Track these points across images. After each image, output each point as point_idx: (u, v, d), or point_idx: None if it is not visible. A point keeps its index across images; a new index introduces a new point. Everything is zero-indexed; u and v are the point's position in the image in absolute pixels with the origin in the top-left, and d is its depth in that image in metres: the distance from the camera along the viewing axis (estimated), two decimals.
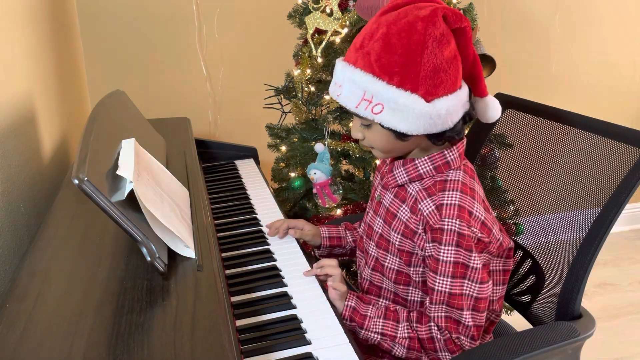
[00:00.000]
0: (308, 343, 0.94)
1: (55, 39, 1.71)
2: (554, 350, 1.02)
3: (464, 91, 1.01)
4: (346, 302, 1.07)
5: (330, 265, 1.11)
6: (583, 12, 2.65)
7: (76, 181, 0.84)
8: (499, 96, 1.16)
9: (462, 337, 1.00)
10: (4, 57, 1.20)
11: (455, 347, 1.01)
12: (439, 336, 1.01)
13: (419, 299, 1.11)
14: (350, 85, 0.99)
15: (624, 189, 1.05)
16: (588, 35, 2.69)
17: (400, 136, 1.01)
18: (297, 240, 1.29)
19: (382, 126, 1.00)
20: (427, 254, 1.03)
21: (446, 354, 1.02)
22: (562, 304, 1.13)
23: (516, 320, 1.38)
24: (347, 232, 1.34)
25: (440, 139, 1.02)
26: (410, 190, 1.07)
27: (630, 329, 2.22)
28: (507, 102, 1.33)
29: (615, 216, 1.05)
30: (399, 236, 1.08)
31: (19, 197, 1.18)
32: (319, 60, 1.72)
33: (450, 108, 0.98)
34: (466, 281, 0.99)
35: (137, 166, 1.02)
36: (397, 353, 1.05)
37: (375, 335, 1.05)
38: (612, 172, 1.08)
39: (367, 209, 1.23)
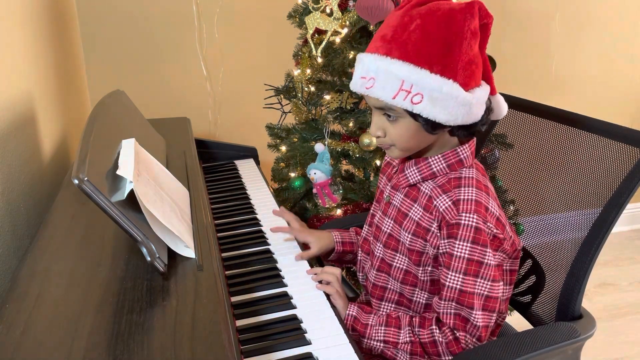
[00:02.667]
0: (308, 343, 0.94)
1: (55, 39, 1.71)
2: (554, 350, 1.02)
3: (486, 86, 1.03)
4: (347, 312, 1.07)
5: (329, 273, 1.11)
6: (583, 12, 2.65)
7: (76, 181, 0.84)
8: None
9: (467, 336, 0.99)
10: (4, 57, 1.20)
11: (458, 348, 0.99)
12: (440, 339, 1.00)
13: (424, 301, 1.11)
14: (386, 76, 0.97)
15: (624, 190, 1.04)
16: (588, 35, 2.69)
17: (432, 128, 1.00)
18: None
19: (415, 118, 0.99)
20: (441, 251, 1.02)
21: (449, 357, 1.00)
22: (562, 304, 1.13)
23: (516, 321, 1.38)
24: (358, 237, 1.32)
25: (468, 130, 1.02)
26: (424, 189, 1.07)
27: (630, 329, 2.22)
28: (507, 102, 1.32)
29: (616, 217, 1.05)
30: (409, 235, 1.07)
31: (19, 197, 1.18)
32: (319, 60, 1.71)
33: (483, 97, 1.00)
34: (479, 279, 0.98)
35: (137, 166, 1.02)
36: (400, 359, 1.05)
37: (378, 344, 1.05)
38: (613, 173, 1.08)
39: (371, 211, 1.23)
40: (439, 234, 1.02)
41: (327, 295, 1.08)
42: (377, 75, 0.98)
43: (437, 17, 0.96)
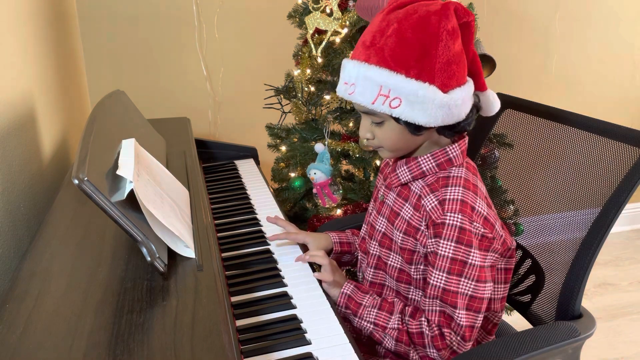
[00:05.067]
0: (308, 343, 0.94)
1: (55, 39, 1.71)
2: (554, 350, 1.02)
3: (471, 84, 1.04)
4: (342, 290, 1.09)
5: (318, 255, 1.14)
6: (583, 12, 2.65)
7: (76, 181, 0.84)
8: (498, 96, 1.16)
9: (452, 334, 0.99)
10: (4, 57, 1.20)
11: (442, 344, 1.00)
12: (427, 332, 1.01)
13: (419, 298, 1.11)
14: (365, 82, 0.99)
15: (624, 189, 1.05)
16: (588, 35, 2.69)
17: (416, 130, 1.01)
18: (297, 242, 1.29)
19: (398, 121, 1.00)
20: (428, 250, 1.03)
21: (433, 350, 1.01)
22: (562, 303, 1.13)
23: (516, 321, 1.38)
24: (355, 237, 1.33)
25: (453, 130, 1.03)
26: (414, 188, 1.08)
27: (630, 329, 2.22)
28: (507, 102, 1.33)
29: (615, 216, 1.05)
30: (401, 234, 1.08)
31: (19, 197, 1.18)
32: (319, 60, 1.72)
33: (464, 98, 1.00)
34: (462, 279, 0.99)
35: (137, 166, 1.02)
36: (386, 345, 1.05)
37: (368, 325, 1.06)
38: (612, 172, 1.08)
39: (368, 210, 1.24)
40: (427, 233, 1.04)
41: (327, 295, 1.08)
42: (357, 81, 1.01)
43: (413, 21, 0.97)
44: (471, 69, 1.05)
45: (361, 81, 1.00)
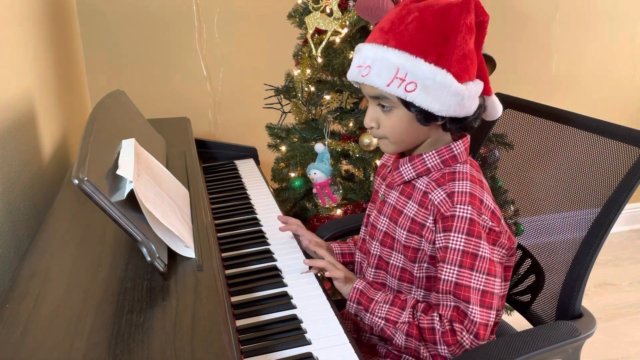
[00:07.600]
0: (308, 343, 0.94)
1: (55, 39, 1.71)
2: (555, 349, 1.02)
3: (480, 82, 1.04)
4: (354, 285, 1.09)
5: (318, 262, 1.14)
6: (583, 12, 2.65)
7: (76, 181, 0.84)
8: (498, 96, 1.17)
9: (464, 331, 0.98)
10: (4, 57, 1.20)
11: (452, 339, 0.98)
12: (438, 327, 1.00)
13: (421, 298, 1.11)
14: (382, 63, 0.99)
15: (623, 189, 1.05)
16: (588, 35, 2.69)
17: (425, 119, 1.01)
18: (298, 240, 1.29)
19: (409, 108, 1.00)
20: (437, 246, 1.03)
21: (443, 347, 1.00)
22: (562, 303, 1.13)
23: (516, 321, 1.38)
24: (356, 247, 1.33)
25: (460, 125, 1.03)
26: (419, 185, 1.08)
27: (630, 329, 2.22)
28: (507, 102, 1.33)
29: (615, 216, 1.05)
30: (405, 232, 1.08)
31: (19, 197, 1.18)
32: (319, 60, 1.71)
33: (476, 92, 1.01)
34: (474, 273, 0.98)
35: (137, 166, 1.02)
36: (397, 341, 1.04)
37: (380, 320, 1.06)
38: (612, 172, 1.08)
39: (367, 212, 1.23)
40: (434, 228, 1.03)
41: (327, 295, 1.08)
42: (374, 63, 1.00)
43: (434, 10, 0.99)
44: (479, 72, 1.05)
45: (378, 63, 1.00)
